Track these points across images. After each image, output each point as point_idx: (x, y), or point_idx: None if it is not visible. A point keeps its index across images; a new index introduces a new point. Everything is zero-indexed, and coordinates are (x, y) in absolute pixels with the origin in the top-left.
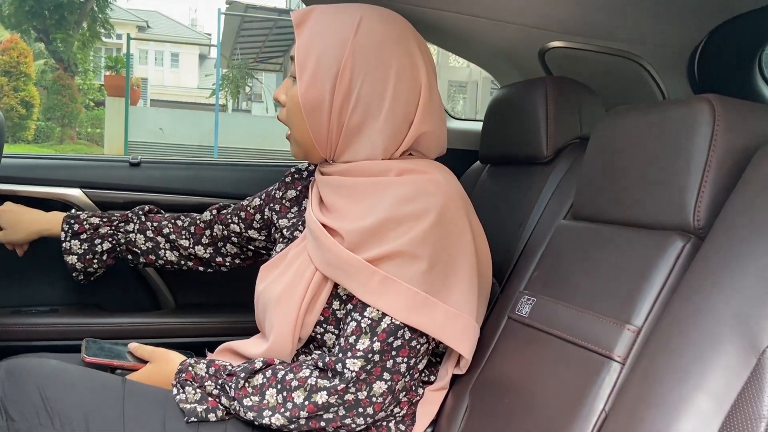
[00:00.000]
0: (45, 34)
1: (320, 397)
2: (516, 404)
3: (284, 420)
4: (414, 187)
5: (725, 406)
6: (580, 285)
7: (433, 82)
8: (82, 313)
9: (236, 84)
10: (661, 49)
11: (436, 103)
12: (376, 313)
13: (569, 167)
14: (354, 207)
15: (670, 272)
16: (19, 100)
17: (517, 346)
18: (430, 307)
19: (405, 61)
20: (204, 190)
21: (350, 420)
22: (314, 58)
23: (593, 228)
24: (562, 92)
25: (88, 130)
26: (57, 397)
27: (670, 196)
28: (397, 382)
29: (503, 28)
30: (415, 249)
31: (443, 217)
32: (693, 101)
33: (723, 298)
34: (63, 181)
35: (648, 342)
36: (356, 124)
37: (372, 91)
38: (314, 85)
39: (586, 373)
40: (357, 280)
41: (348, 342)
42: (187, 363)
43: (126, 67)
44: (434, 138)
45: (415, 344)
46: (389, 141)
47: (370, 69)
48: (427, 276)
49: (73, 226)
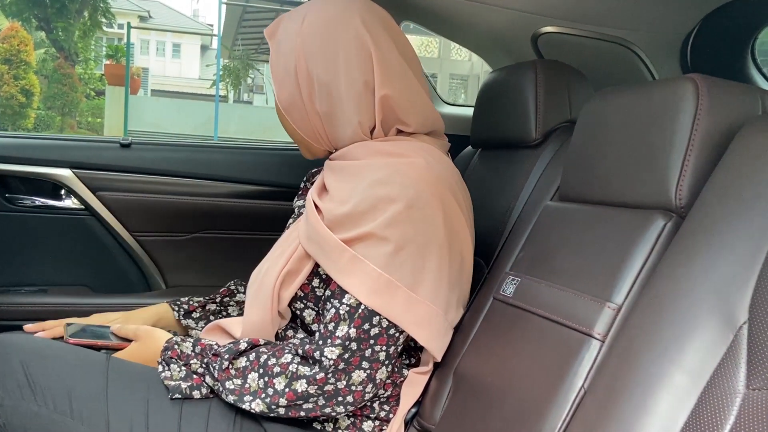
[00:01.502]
0: (46, 23)
1: (300, 385)
2: (497, 383)
3: (264, 406)
4: (390, 170)
5: (701, 382)
6: (564, 264)
7: (387, 48)
8: (71, 293)
9: (237, 75)
10: (654, 35)
11: (394, 67)
12: (353, 300)
13: (557, 150)
14: (340, 189)
15: (651, 250)
16: (20, 88)
17: (501, 327)
18: (392, 291)
19: (350, 35)
20: (197, 173)
21: (330, 409)
22: (279, 61)
23: (578, 208)
24: (552, 75)
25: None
26: (40, 372)
27: (653, 175)
28: (377, 371)
29: (496, 13)
30: (383, 231)
31: (415, 201)
32: (678, 81)
33: (701, 276)
34: (53, 161)
35: (627, 319)
36: (327, 109)
37: (327, 74)
38: (283, 86)
39: (566, 350)
40: (330, 257)
41: (327, 329)
42: (173, 341)
43: (126, 56)
44: (405, 102)
45: (393, 332)
46: (361, 115)
47: (319, 54)
48: (392, 259)
49: (183, 307)
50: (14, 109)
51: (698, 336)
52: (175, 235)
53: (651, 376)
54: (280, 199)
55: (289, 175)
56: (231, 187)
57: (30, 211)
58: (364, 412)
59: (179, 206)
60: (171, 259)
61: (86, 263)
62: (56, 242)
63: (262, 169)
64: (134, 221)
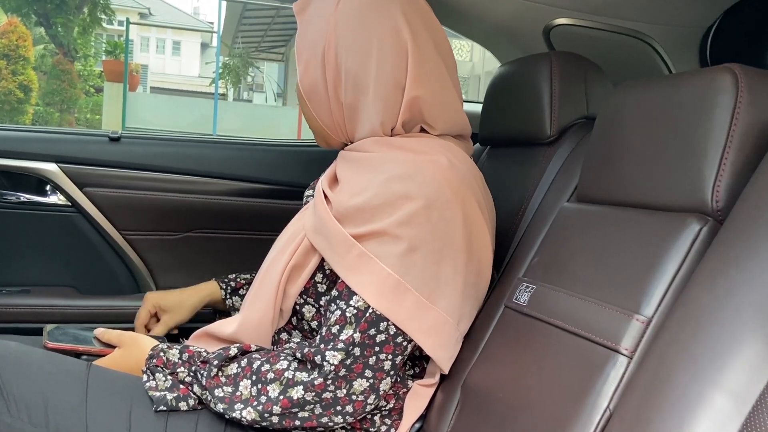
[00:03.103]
0: (45, 19)
1: (296, 392)
2: (511, 400)
3: (256, 414)
4: (410, 166)
5: (746, 406)
6: (584, 271)
7: (425, 45)
8: (55, 294)
9: (237, 73)
10: (672, 29)
11: (430, 67)
12: (362, 303)
13: (574, 148)
14: (353, 180)
15: (684, 258)
16: (18, 84)
17: (514, 337)
18: (401, 294)
19: (386, 27)
20: (190, 169)
21: (327, 419)
22: (306, 43)
23: (599, 210)
24: (568, 68)
25: (87, 116)
26: (14, 381)
27: (685, 175)
28: (380, 381)
29: (506, 3)
30: (396, 229)
31: (435, 201)
32: (713, 71)
33: (744, 287)
34: (37, 155)
35: (659, 334)
36: (352, 100)
37: (357, 64)
38: (308, 70)
39: (589, 366)
40: (337, 252)
41: (330, 332)
42: (159, 348)
43: (125, 52)
44: (436, 105)
45: (400, 341)
46: (384, 112)
47: (352, 43)
48: (403, 259)
49: (230, 284)
50: (12, 105)
51: (741, 354)
52: (166, 234)
53: (687, 398)
54: (277, 198)
55: (287, 172)
56: (226, 184)
57: (13, 207)
58: (364, 426)
59: (171, 204)
60: (161, 260)
61: (72, 263)
62: (41, 240)
63: (257, 166)
64: (123, 219)
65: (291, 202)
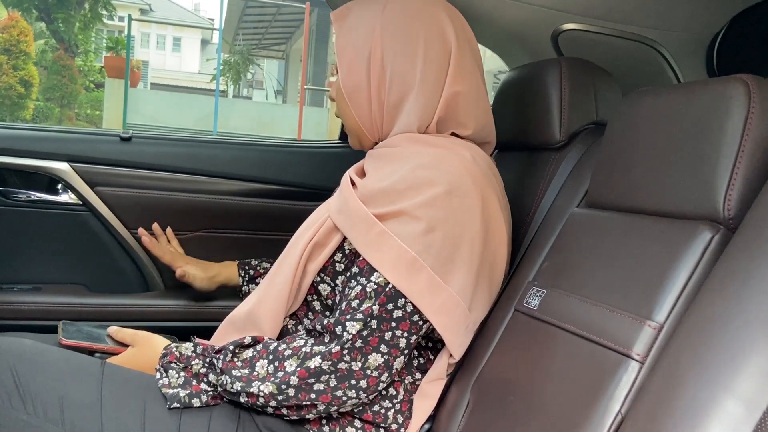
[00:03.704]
0: (46, 14)
1: (313, 362)
2: (522, 402)
3: (273, 387)
4: (436, 157)
5: (757, 411)
6: (595, 277)
7: (464, 45)
8: (66, 292)
9: (237, 70)
10: (680, 35)
11: (469, 68)
12: (382, 279)
13: (584, 153)
14: (380, 169)
15: (696, 265)
16: (18, 79)
17: (525, 341)
18: (417, 270)
19: (433, 30)
20: (198, 168)
21: (341, 392)
22: (350, 47)
23: (610, 217)
24: (577, 74)
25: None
26: (31, 379)
27: (697, 183)
28: (395, 358)
29: (515, 8)
30: (416, 210)
31: (456, 188)
32: (725, 81)
33: (756, 295)
34: (50, 154)
35: (671, 340)
36: (396, 100)
37: (404, 66)
38: (351, 71)
39: (600, 371)
40: (358, 230)
41: (350, 306)
42: (172, 346)
43: (126, 49)
44: (472, 102)
45: (416, 319)
46: (423, 109)
47: (399, 45)
48: (422, 238)
49: (249, 272)
50: (13, 100)
51: (753, 360)
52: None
53: (699, 403)
54: (285, 198)
55: (295, 173)
56: (234, 184)
57: (25, 206)
58: (376, 420)
59: (180, 203)
60: None
61: (83, 261)
62: (52, 238)
63: (266, 167)
64: (133, 218)
65: (299, 202)
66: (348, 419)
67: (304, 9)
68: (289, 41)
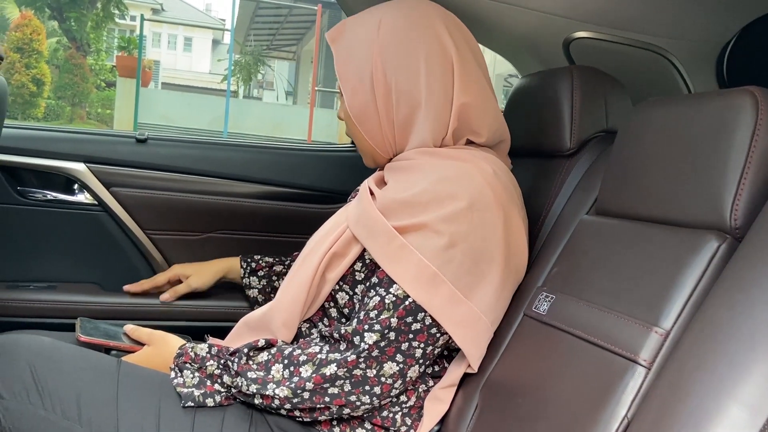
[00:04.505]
0: (59, 12)
1: (329, 369)
2: (529, 405)
3: (288, 391)
4: (458, 171)
5: (760, 418)
6: (604, 283)
7: (467, 55)
8: (80, 290)
9: (248, 70)
10: (690, 44)
11: (474, 75)
12: (401, 291)
13: (594, 161)
14: (401, 180)
15: (702, 274)
16: (31, 77)
17: (533, 345)
18: (437, 285)
19: (432, 43)
20: (213, 171)
21: (355, 397)
22: (350, 69)
23: (618, 224)
24: (588, 82)
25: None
26: (48, 376)
27: (704, 192)
28: (410, 367)
29: (527, 15)
30: (438, 224)
31: (478, 203)
32: (733, 93)
33: (761, 303)
34: (67, 155)
35: (677, 346)
36: (405, 117)
37: (408, 82)
38: (356, 94)
39: (607, 376)
40: (378, 242)
41: (368, 316)
42: (187, 346)
43: (138, 48)
44: (481, 111)
45: (434, 332)
46: (435, 124)
47: (399, 62)
48: (443, 253)
49: (251, 264)
50: (25, 98)
51: (758, 368)
52: (188, 234)
53: (704, 409)
54: (297, 201)
55: (307, 176)
56: (248, 187)
57: (42, 205)
58: (385, 424)
59: (194, 205)
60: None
61: (97, 260)
62: (67, 237)
63: (280, 170)
64: (147, 218)
65: (310, 205)
66: (358, 421)
67: (315, 10)
68: (300, 42)
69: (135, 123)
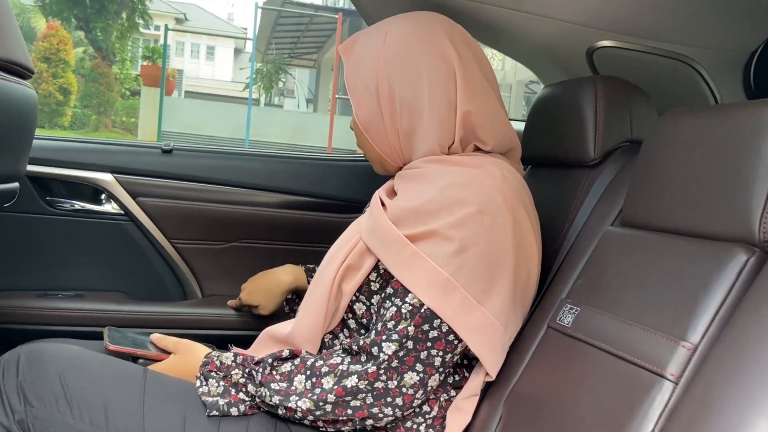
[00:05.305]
0: (85, 23)
1: (350, 381)
2: (554, 419)
3: (311, 404)
4: (466, 176)
5: None
6: (629, 296)
7: (470, 64)
8: (107, 299)
9: (269, 79)
10: (716, 53)
11: (476, 83)
12: (416, 300)
13: (618, 171)
14: (410, 189)
15: (731, 287)
16: (58, 86)
17: (558, 358)
18: (450, 291)
19: (435, 53)
20: (236, 181)
21: (377, 409)
22: (359, 80)
23: (644, 236)
24: (612, 92)
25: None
26: (77, 384)
27: (732, 205)
28: (430, 376)
29: (550, 25)
30: (448, 231)
31: (487, 207)
32: (761, 104)
33: None
34: (94, 165)
35: (705, 361)
36: (408, 127)
37: (411, 92)
38: (363, 103)
39: (634, 390)
40: (390, 251)
41: (386, 327)
42: (213, 355)
43: (162, 58)
44: (486, 118)
45: (452, 338)
46: (440, 132)
47: (403, 72)
48: (454, 259)
49: (313, 275)
50: (51, 107)
51: None
52: (213, 243)
53: (732, 425)
54: (321, 211)
55: (329, 186)
56: (271, 196)
57: (70, 215)
58: None
59: (218, 214)
60: (208, 268)
61: (123, 269)
62: (95, 247)
63: (303, 179)
64: (173, 228)
65: (333, 214)
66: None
67: (336, 19)
68: (321, 50)
69: (159, 131)
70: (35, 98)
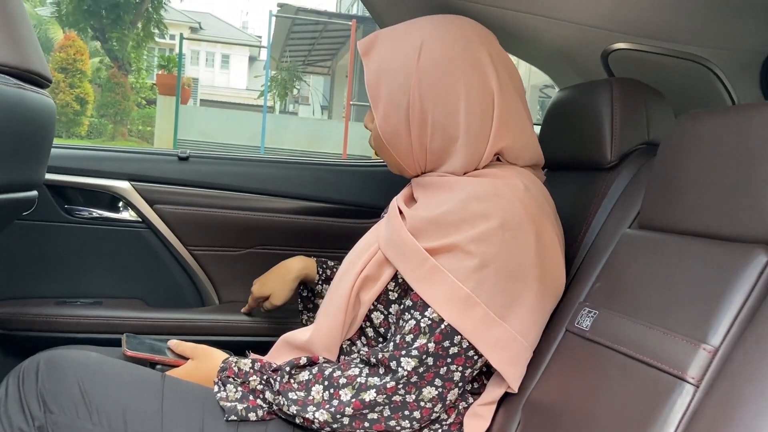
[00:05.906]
0: (101, 33)
1: (368, 395)
2: (574, 424)
3: (328, 416)
4: (488, 187)
5: None
6: (648, 299)
7: (507, 88)
8: (125, 306)
9: (284, 86)
10: (732, 54)
11: (514, 113)
12: (436, 315)
13: (635, 174)
14: (430, 198)
15: (751, 289)
16: (74, 96)
17: (576, 362)
18: (470, 307)
19: (473, 74)
20: (253, 187)
21: (395, 422)
22: (384, 90)
23: (662, 238)
24: (629, 94)
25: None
26: (96, 391)
27: (751, 206)
28: (449, 390)
29: (565, 28)
30: (469, 245)
31: (509, 221)
32: None
33: None
34: (112, 173)
35: (726, 364)
36: (439, 148)
37: (445, 117)
38: (389, 118)
39: (654, 394)
40: (409, 263)
41: (404, 340)
42: (231, 360)
43: (178, 67)
44: (519, 149)
45: (472, 354)
46: (470, 156)
47: (439, 93)
48: (475, 274)
49: (326, 271)
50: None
51: None
52: (229, 250)
53: (754, 428)
54: (337, 216)
55: (346, 192)
56: (287, 202)
57: (88, 223)
58: None
59: (235, 221)
60: (225, 275)
61: (141, 276)
62: (113, 254)
63: (318, 185)
64: (190, 235)
65: (349, 220)
66: None
67: (350, 26)
68: (335, 57)
69: (175, 139)
70: (53, 107)
